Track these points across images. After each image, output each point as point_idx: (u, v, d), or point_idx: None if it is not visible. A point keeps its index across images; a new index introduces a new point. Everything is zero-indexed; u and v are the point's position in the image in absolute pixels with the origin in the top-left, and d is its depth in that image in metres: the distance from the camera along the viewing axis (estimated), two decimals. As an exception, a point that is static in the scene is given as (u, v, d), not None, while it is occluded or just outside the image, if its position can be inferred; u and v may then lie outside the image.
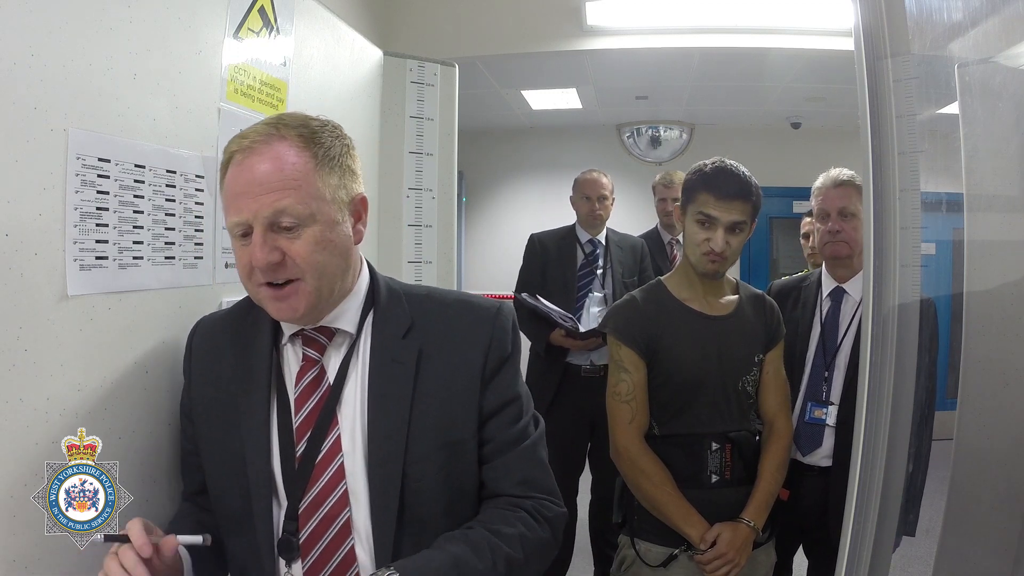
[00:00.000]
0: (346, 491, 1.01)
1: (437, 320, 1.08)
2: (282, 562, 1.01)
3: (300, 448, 1.02)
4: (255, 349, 1.08)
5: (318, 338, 1.07)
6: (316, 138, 1.00)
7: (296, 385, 1.06)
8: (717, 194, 1.59)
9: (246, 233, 0.98)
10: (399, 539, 1.00)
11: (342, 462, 1.02)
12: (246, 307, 1.12)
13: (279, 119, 1.02)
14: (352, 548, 1.00)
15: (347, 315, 1.07)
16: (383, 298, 1.10)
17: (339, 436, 1.03)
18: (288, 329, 1.08)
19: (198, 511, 1.13)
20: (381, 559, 0.99)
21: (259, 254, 0.96)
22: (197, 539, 0.96)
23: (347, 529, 1.00)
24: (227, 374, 1.09)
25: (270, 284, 0.99)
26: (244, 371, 1.08)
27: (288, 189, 0.96)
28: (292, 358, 1.08)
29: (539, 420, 1.14)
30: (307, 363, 1.06)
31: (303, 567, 0.99)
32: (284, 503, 1.02)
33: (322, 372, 1.06)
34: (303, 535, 1.00)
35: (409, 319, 1.08)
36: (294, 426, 1.04)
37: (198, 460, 1.12)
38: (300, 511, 1.00)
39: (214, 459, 1.09)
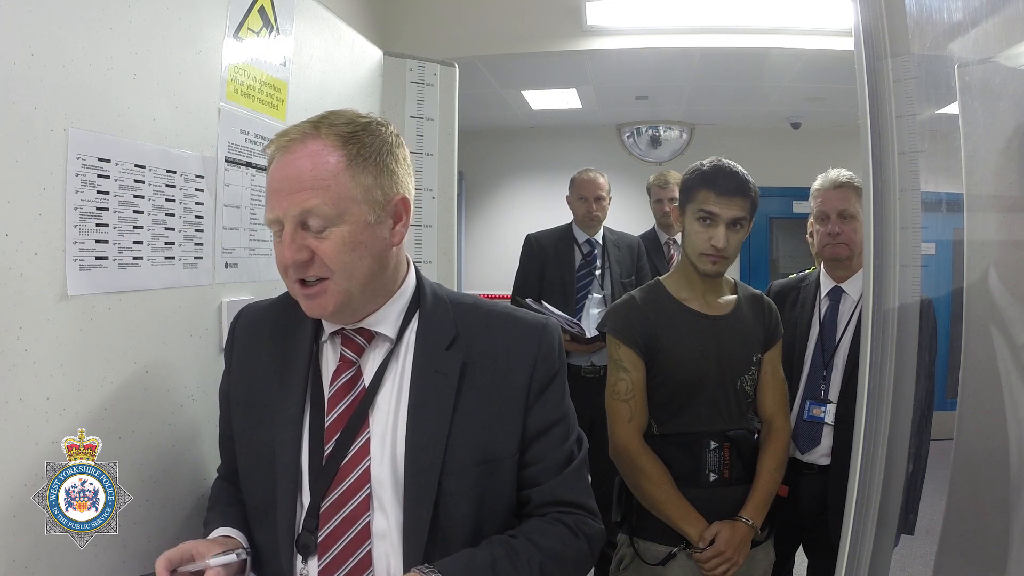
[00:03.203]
0: (369, 495, 1.00)
1: (482, 332, 1.07)
2: (299, 558, 1.01)
3: (328, 447, 1.02)
4: (295, 343, 1.08)
5: (357, 339, 1.06)
6: (355, 136, 0.99)
7: (331, 384, 1.05)
8: (718, 191, 1.60)
9: (280, 230, 0.99)
10: (429, 550, 0.99)
11: (368, 466, 1.01)
12: (289, 300, 1.11)
13: (323, 117, 1.01)
14: (369, 552, 0.99)
15: (388, 319, 1.06)
16: (428, 305, 1.08)
17: (368, 440, 1.02)
18: (328, 327, 1.07)
19: (237, 491, 1.13)
20: (410, 566, 0.99)
21: (287, 252, 0.96)
22: (231, 557, 0.97)
23: (366, 533, 0.99)
24: (265, 365, 1.08)
25: (302, 282, 0.99)
26: (282, 364, 1.07)
27: (316, 189, 0.96)
28: (330, 356, 1.08)
29: (583, 438, 1.13)
30: (344, 363, 1.06)
31: (318, 565, 0.99)
32: (307, 500, 1.02)
33: (358, 374, 1.05)
34: (322, 534, 0.99)
35: (454, 329, 1.06)
36: (325, 425, 1.03)
37: (234, 444, 1.12)
38: (321, 510, 1.00)
39: (245, 448, 1.08)
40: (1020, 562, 0.97)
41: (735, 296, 1.73)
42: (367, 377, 1.05)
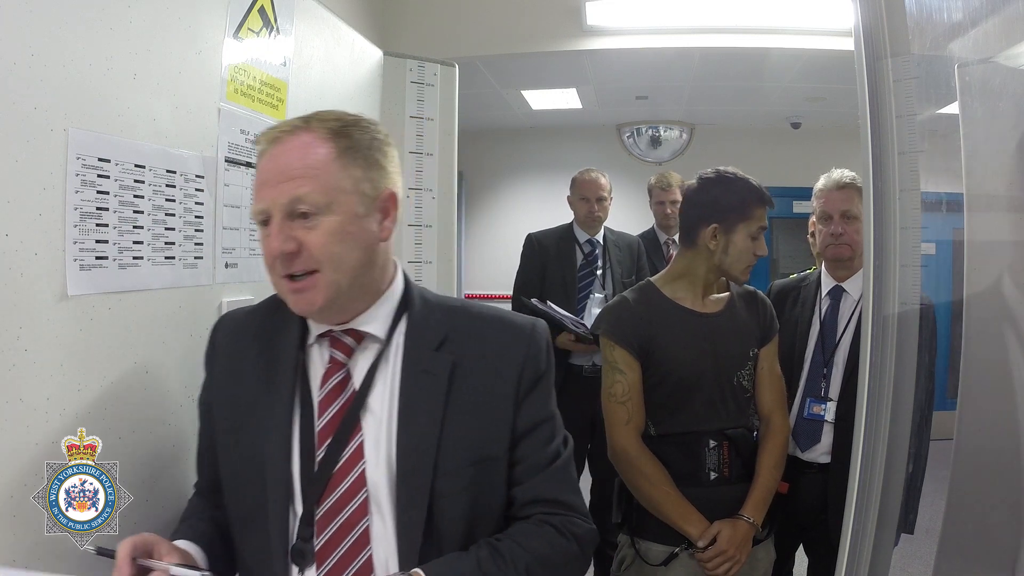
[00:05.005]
0: (367, 499, 0.98)
1: (471, 334, 1.06)
2: (295, 568, 0.98)
3: (320, 453, 1.00)
4: (281, 348, 1.06)
5: (346, 340, 1.04)
6: (344, 131, 1.00)
7: (321, 388, 1.03)
8: (768, 204, 1.66)
9: (266, 222, 0.98)
10: (425, 552, 0.98)
11: (363, 470, 0.99)
12: (273, 305, 1.10)
13: (313, 114, 1.03)
14: (370, 557, 0.98)
15: (377, 319, 1.05)
16: (416, 307, 1.07)
17: (361, 443, 1.00)
18: (316, 329, 1.06)
19: (211, 509, 1.10)
20: (405, 569, 0.97)
21: (275, 242, 0.96)
22: (194, 575, 0.92)
23: (366, 538, 0.98)
24: (250, 371, 1.06)
25: (291, 277, 0.98)
26: (268, 369, 1.05)
27: (306, 178, 0.96)
28: (318, 359, 1.06)
29: (569, 439, 1.12)
30: (333, 366, 1.04)
31: (317, 574, 0.97)
32: (299, 508, 0.99)
33: (348, 376, 1.03)
34: (319, 542, 0.97)
35: (443, 331, 1.05)
36: (316, 429, 1.01)
37: (213, 456, 1.08)
38: (317, 517, 0.98)
39: (231, 457, 1.05)
40: (1020, 562, 0.97)
41: (727, 294, 1.74)
42: (357, 380, 1.03)
